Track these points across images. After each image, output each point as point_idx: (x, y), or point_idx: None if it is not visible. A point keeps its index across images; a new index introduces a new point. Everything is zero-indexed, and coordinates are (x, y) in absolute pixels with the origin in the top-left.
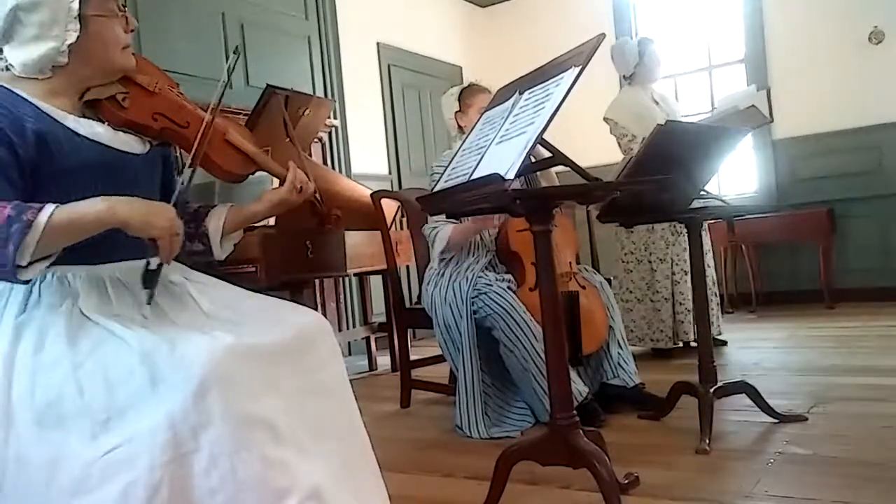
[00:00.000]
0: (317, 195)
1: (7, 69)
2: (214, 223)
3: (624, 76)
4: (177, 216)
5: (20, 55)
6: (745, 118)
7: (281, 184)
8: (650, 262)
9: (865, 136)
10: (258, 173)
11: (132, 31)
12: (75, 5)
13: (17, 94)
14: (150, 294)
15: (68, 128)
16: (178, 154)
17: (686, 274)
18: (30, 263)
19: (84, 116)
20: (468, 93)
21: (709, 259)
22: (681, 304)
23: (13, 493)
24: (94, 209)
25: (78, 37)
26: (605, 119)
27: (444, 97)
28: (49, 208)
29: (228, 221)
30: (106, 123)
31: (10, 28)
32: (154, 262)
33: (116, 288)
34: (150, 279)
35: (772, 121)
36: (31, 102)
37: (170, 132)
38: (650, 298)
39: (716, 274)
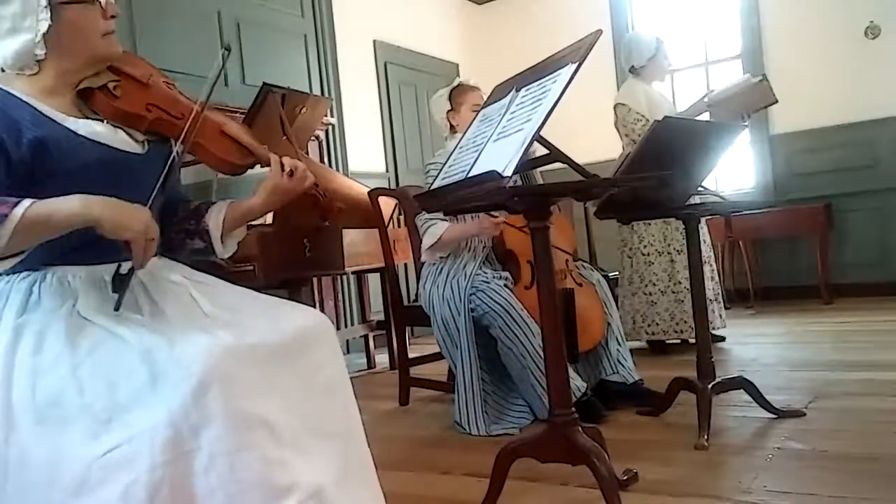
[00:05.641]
0: (318, 188)
1: (1, 70)
2: (214, 219)
3: (632, 68)
4: (153, 220)
5: (2, 50)
6: (755, 93)
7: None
8: (670, 253)
9: (862, 130)
10: (259, 170)
11: (112, 17)
12: None
13: (15, 96)
14: (119, 299)
15: (68, 129)
16: (175, 153)
17: (705, 264)
18: (3, 258)
19: (83, 115)
20: (458, 91)
21: (707, 252)
22: None
23: (15, 493)
24: (68, 206)
25: (50, 26)
26: (618, 105)
27: (434, 99)
28: (25, 203)
29: (228, 217)
30: (105, 122)
31: None
32: (126, 266)
33: None
34: (120, 284)
35: (777, 101)
36: (29, 105)
37: (163, 123)
38: (672, 290)
39: (716, 266)
